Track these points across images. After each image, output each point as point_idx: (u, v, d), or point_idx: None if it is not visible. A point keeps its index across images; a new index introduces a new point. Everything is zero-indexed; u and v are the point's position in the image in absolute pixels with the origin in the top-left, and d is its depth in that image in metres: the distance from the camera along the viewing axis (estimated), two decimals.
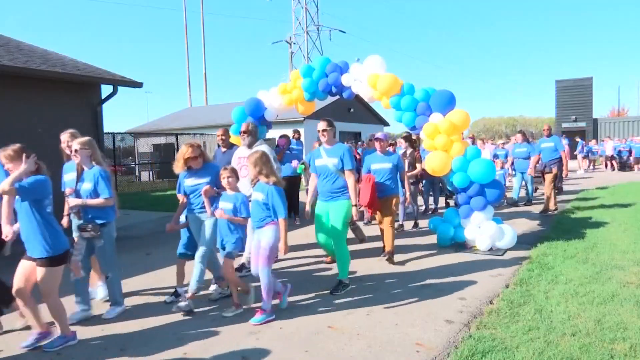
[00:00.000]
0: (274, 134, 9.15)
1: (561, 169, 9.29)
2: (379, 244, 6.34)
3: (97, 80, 8.28)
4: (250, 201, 4.15)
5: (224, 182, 4.10)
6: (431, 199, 9.62)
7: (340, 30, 41.39)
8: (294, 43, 38.28)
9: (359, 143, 14.29)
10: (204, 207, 4.29)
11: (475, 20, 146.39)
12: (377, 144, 5.96)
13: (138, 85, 8.76)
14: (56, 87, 7.86)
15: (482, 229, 5.99)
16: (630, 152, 20.40)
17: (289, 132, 9.52)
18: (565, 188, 13.48)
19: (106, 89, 8.59)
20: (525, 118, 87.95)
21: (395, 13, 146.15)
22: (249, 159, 4.08)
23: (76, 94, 8.18)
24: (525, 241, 6.42)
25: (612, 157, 20.90)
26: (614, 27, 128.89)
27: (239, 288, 4.20)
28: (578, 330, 3.43)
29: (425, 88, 6.28)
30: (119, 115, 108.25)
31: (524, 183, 10.29)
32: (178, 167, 4.40)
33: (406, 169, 7.30)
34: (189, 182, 4.41)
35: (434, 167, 6.09)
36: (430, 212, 9.41)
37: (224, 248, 4.11)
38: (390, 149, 9.17)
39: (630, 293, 4.17)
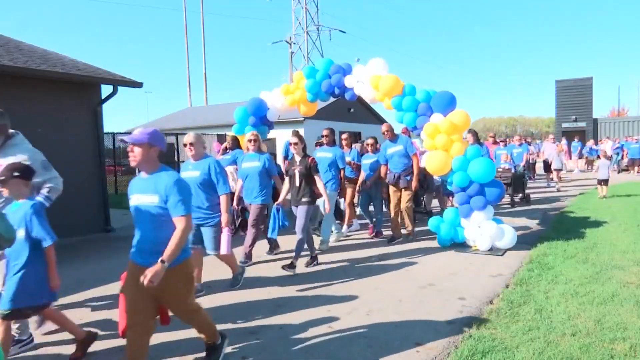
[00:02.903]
0: (274, 133, 9.16)
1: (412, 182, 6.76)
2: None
3: (97, 80, 8.27)
4: None
5: None
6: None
7: (340, 30, 41.41)
8: (294, 43, 38.24)
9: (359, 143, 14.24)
10: None
11: (476, 20, 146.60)
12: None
13: (138, 85, 8.75)
14: (56, 87, 7.85)
15: (482, 229, 5.99)
16: (622, 150, 20.29)
17: (288, 132, 9.49)
18: (565, 190, 13.49)
19: (106, 89, 8.58)
20: (525, 118, 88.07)
21: (395, 13, 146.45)
22: None
23: (76, 94, 8.17)
24: (525, 241, 6.42)
25: (610, 157, 20.84)
26: (614, 27, 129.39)
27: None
28: (578, 330, 3.43)
29: (426, 89, 6.31)
30: (119, 115, 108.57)
31: None
32: None
33: (297, 183, 5.33)
34: None
35: (434, 167, 6.11)
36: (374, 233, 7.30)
37: None
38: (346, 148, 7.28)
39: (630, 293, 4.17)
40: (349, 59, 7.02)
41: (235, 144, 7.43)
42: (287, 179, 5.52)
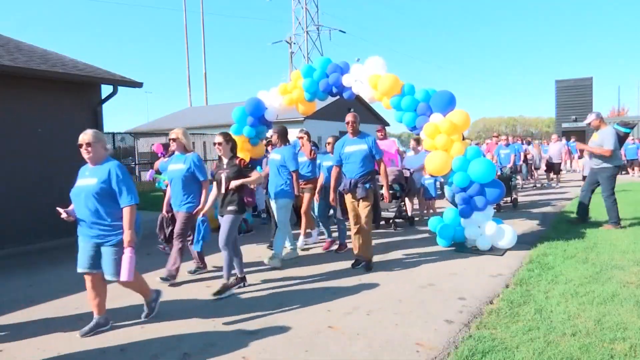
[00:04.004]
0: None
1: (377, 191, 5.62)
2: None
3: (97, 80, 8.27)
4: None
5: None
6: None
7: (340, 30, 41.57)
8: (294, 43, 38.28)
9: None
10: None
11: (476, 20, 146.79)
12: None
13: (138, 85, 8.75)
14: (56, 87, 7.85)
15: (482, 229, 5.99)
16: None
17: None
18: (563, 189, 13.48)
19: (106, 89, 8.59)
20: (525, 118, 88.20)
21: (395, 13, 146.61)
22: None
23: (76, 94, 8.17)
24: (525, 241, 6.42)
25: None
26: (614, 27, 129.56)
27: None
28: (578, 330, 3.43)
29: (425, 89, 6.30)
30: (119, 115, 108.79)
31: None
32: None
33: (222, 189, 4.57)
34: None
35: (434, 167, 6.11)
36: (339, 246, 6.35)
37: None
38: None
39: (630, 293, 4.17)
40: (349, 59, 7.00)
41: None
42: (214, 185, 4.77)
